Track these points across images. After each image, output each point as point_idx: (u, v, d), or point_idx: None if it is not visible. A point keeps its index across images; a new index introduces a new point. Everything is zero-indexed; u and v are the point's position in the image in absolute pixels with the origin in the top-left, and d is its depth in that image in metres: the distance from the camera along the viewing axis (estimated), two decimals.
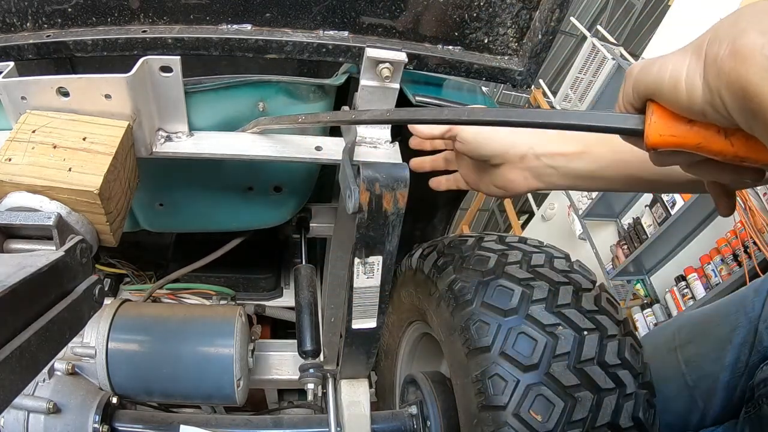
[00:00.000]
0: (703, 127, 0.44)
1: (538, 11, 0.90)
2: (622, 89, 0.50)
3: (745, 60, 0.37)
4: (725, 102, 0.40)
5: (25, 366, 0.51)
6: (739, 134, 0.42)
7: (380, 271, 0.93)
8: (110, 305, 1.23)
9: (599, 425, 0.87)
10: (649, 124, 0.46)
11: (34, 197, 0.66)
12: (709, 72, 0.41)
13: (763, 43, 0.36)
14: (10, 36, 0.83)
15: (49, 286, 0.58)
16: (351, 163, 0.79)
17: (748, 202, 3.06)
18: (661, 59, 0.46)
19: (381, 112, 0.68)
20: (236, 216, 1.23)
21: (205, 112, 0.87)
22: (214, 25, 0.86)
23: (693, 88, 0.42)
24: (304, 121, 0.78)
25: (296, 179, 1.14)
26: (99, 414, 1.07)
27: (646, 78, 0.46)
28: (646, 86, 0.46)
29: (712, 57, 0.40)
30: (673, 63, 0.44)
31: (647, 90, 0.46)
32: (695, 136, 0.44)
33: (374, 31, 0.91)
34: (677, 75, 0.43)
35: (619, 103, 0.51)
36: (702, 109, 0.42)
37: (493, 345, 0.92)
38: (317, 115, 0.78)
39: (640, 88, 0.47)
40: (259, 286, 1.68)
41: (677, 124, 0.45)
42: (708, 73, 0.41)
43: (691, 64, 0.42)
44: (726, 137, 0.43)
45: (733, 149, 0.43)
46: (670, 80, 0.44)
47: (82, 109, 0.73)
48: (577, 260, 1.16)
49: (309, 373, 1.17)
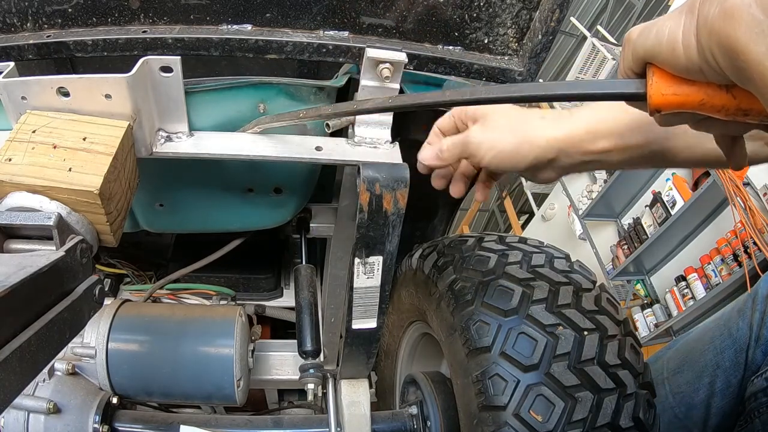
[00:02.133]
0: (704, 85, 0.45)
1: (538, 11, 0.90)
2: (622, 55, 0.50)
3: (733, 18, 0.38)
4: (717, 60, 0.41)
5: (25, 366, 0.51)
6: (739, 87, 0.43)
7: (380, 271, 0.93)
8: (110, 305, 1.23)
9: (599, 425, 0.87)
10: (650, 86, 0.46)
11: (34, 197, 0.66)
12: (701, 32, 0.41)
13: (750, 2, 0.37)
14: (11, 36, 0.83)
15: (49, 286, 0.58)
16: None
17: (748, 202, 3.06)
18: (659, 22, 0.46)
19: (382, 99, 0.67)
20: (236, 217, 1.23)
21: (206, 113, 0.87)
22: (215, 25, 0.86)
23: (689, 48, 0.43)
24: (305, 116, 0.78)
25: (297, 181, 1.14)
26: (99, 414, 1.07)
27: (645, 42, 0.46)
28: (645, 50, 0.46)
29: (703, 16, 0.41)
30: (670, 25, 0.44)
31: (646, 54, 0.46)
32: (697, 94, 0.45)
33: (374, 31, 0.91)
34: (674, 37, 0.43)
35: (620, 69, 0.51)
36: (700, 68, 0.43)
37: (493, 345, 0.92)
38: (318, 109, 0.78)
39: (639, 52, 0.47)
40: (259, 286, 1.68)
41: (678, 84, 0.45)
42: (700, 33, 0.41)
43: (686, 24, 0.43)
44: (727, 91, 0.44)
45: (735, 102, 0.44)
46: (667, 42, 0.44)
47: (82, 109, 0.73)
48: (577, 260, 1.16)
49: (309, 373, 1.17)
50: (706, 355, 1.01)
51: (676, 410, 1.04)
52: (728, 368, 0.96)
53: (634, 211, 4.27)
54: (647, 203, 4.01)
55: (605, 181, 4.31)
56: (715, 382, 0.98)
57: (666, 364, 1.10)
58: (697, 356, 1.03)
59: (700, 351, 1.03)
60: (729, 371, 0.96)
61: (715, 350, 0.99)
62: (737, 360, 0.95)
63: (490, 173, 0.86)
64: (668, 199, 3.73)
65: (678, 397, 1.04)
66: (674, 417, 1.04)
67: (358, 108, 0.75)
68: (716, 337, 1.00)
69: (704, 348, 1.02)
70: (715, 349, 0.99)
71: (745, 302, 0.98)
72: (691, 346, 1.08)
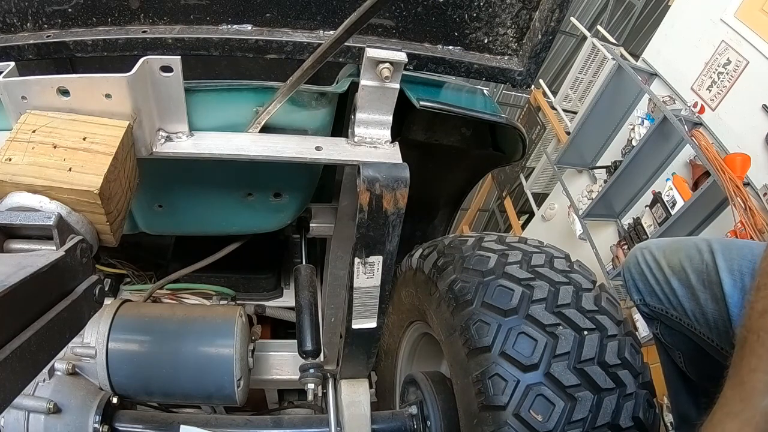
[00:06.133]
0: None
1: (538, 11, 0.90)
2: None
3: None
4: None
5: (25, 366, 0.51)
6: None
7: (380, 271, 0.93)
8: (110, 305, 1.23)
9: (599, 425, 0.87)
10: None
11: (35, 197, 0.66)
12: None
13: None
14: (11, 36, 0.83)
15: (49, 286, 0.58)
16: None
17: (748, 202, 3.06)
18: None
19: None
20: (235, 220, 1.23)
21: (206, 114, 0.87)
22: (215, 25, 0.86)
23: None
24: (294, 81, 0.78)
25: (296, 186, 1.14)
26: (99, 414, 1.07)
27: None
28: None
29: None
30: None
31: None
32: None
33: (374, 31, 0.90)
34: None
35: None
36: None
37: (493, 345, 0.92)
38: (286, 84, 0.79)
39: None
40: (259, 286, 1.68)
41: None
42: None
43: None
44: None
45: None
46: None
47: (82, 109, 0.73)
48: (577, 260, 1.16)
49: (309, 373, 1.17)
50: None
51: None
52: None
53: (634, 211, 4.27)
54: (647, 203, 4.00)
55: (605, 181, 4.31)
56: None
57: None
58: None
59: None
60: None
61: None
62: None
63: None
64: (668, 199, 3.73)
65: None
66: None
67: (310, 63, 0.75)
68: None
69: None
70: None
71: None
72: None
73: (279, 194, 1.14)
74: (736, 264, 0.95)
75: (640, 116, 3.85)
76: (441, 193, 1.57)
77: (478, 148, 1.26)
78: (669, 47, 3.79)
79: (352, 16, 0.68)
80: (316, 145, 0.87)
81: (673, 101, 3.64)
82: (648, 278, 1.10)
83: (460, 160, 1.39)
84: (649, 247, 1.14)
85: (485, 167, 1.43)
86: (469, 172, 1.45)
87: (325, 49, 0.74)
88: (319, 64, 0.76)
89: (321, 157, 0.87)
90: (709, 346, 0.99)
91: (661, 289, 1.06)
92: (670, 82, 3.73)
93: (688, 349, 1.10)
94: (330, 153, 0.87)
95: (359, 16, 0.68)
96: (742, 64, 3.17)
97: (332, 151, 0.87)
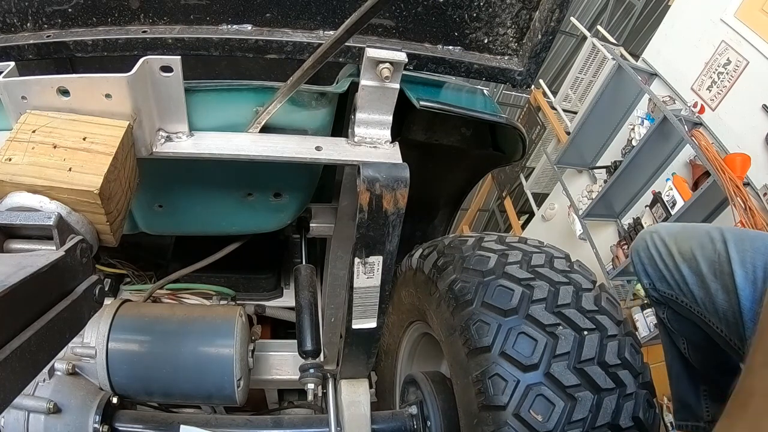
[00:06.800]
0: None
1: (538, 11, 0.90)
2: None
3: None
4: None
5: (25, 366, 0.51)
6: None
7: (380, 271, 0.93)
8: (110, 305, 1.23)
9: (599, 425, 0.87)
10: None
11: (35, 197, 0.66)
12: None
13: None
14: (11, 36, 0.83)
15: (49, 286, 0.58)
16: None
17: (748, 202, 3.06)
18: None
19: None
20: (235, 220, 1.23)
21: (206, 114, 0.87)
22: (215, 25, 0.86)
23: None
24: (294, 81, 0.78)
25: (296, 186, 1.14)
26: (99, 414, 1.07)
27: None
28: None
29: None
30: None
31: None
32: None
33: (374, 31, 0.90)
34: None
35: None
36: None
37: (493, 345, 0.92)
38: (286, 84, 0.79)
39: None
40: (259, 286, 1.68)
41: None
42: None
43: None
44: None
45: None
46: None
47: (82, 109, 0.73)
48: (577, 260, 1.16)
49: (309, 373, 1.17)
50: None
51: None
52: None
53: (634, 211, 4.27)
54: (647, 203, 4.00)
55: (605, 181, 4.31)
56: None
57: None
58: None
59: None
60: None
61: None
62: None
63: None
64: (668, 199, 3.73)
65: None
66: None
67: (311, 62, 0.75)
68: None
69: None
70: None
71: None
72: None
73: (279, 194, 1.14)
74: (749, 256, 0.94)
75: (640, 116, 3.85)
76: (441, 193, 1.57)
77: (478, 148, 1.26)
78: (669, 47, 3.79)
79: (353, 17, 0.68)
80: (316, 145, 0.87)
81: (673, 101, 3.64)
82: (657, 263, 1.08)
83: (460, 160, 1.39)
84: (659, 232, 1.12)
85: (485, 167, 1.43)
86: (469, 172, 1.45)
87: (326, 49, 0.74)
88: (320, 64, 0.76)
89: (321, 157, 0.87)
90: (716, 335, 0.98)
91: (671, 275, 1.05)
92: (670, 82, 3.73)
93: (694, 337, 1.09)
94: (330, 153, 0.87)
95: (359, 16, 0.67)
96: (742, 64, 3.17)
97: (332, 151, 0.87)
